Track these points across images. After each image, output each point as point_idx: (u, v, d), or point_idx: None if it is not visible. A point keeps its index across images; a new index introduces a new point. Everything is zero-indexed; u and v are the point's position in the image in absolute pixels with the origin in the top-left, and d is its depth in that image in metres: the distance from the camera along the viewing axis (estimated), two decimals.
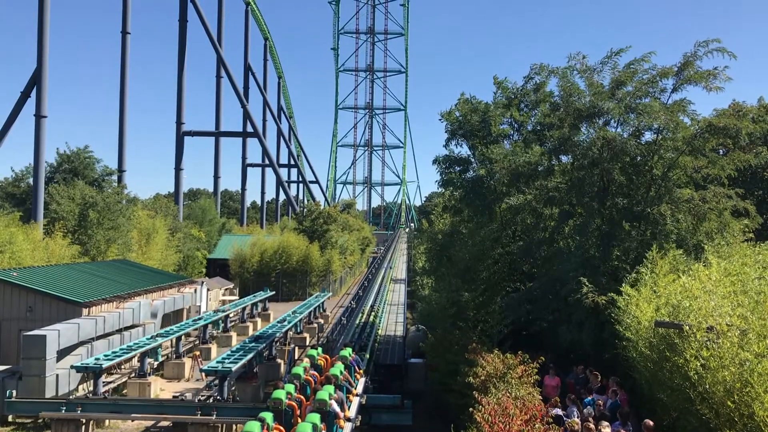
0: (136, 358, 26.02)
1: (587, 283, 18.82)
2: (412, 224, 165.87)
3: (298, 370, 18.25)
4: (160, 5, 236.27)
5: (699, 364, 11.25)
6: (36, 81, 51.43)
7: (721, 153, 23.52)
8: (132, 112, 73.42)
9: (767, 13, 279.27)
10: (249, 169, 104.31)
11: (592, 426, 12.47)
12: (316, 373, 19.19)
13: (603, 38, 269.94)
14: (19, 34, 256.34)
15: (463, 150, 30.10)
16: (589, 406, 14.87)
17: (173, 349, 30.26)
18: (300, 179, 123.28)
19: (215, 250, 68.29)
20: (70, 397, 22.21)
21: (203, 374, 26.06)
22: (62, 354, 23.28)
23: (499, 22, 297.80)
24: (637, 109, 21.56)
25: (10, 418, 21.99)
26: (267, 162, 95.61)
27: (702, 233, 19.99)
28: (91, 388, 22.37)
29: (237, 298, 51.29)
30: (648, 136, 22.25)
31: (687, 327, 12.14)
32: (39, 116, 50.50)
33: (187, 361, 29.68)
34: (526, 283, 25.99)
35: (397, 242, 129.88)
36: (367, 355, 25.52)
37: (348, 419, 16.28)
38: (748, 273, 14.29)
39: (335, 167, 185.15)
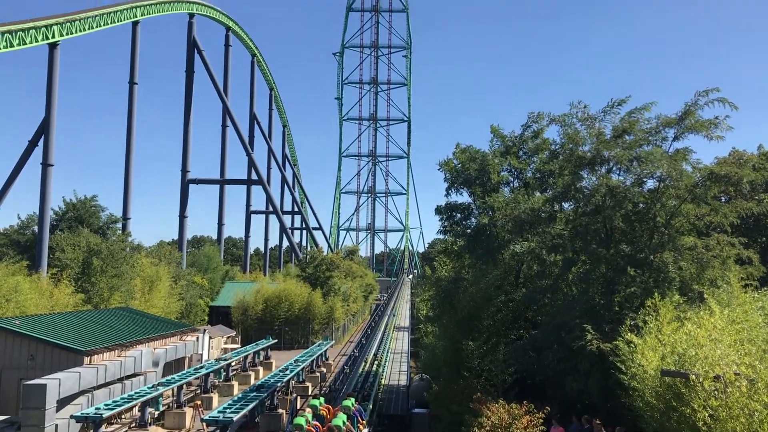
0: (137, 407, 25.71)
1: (591, 331, 18.70)
2: (416, 271, 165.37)
3: (300, 420, 18.03)
4: (168, 56, 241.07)
5: (707, 414, 11.10)
6: (44, 130, 52.11)
7: (723, 200, 23.62)
8: (138, 160, 74.60)
9: (764, 61, 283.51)
10: (253, 216, 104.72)
11: None
12: (318, 424, 18.95)
13: (602, 86, 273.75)
14: (26, 82, 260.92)
15: (464, 198, 30.31)
16: None
17: (174, 398, 29.92)
18: (303, 226, 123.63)
19: (218, 298, 68.05)
20: None
21: (204, 424, 25.70)
22: (62, 403, 23.03)
23: (499, 71, 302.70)
24: (640, 157, 21.76)
25: None
26: (271, 209, 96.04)
27: (706, 281, 19.92)
28: None
29: (239, 346, 50.89)
30: (650, 184, 22.43)
31: (693, 376, 12.01)
32: (46, 165, 51.00)
33: (189, 411, 29.30)
34: (530, 331, 25.81)
35: (400, 289, 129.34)
36: (371, 405, 25.22)
37: None
38: (755, 320, 14.21)
39: (338, 214, 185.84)
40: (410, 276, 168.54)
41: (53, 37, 51.04)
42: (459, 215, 30.25)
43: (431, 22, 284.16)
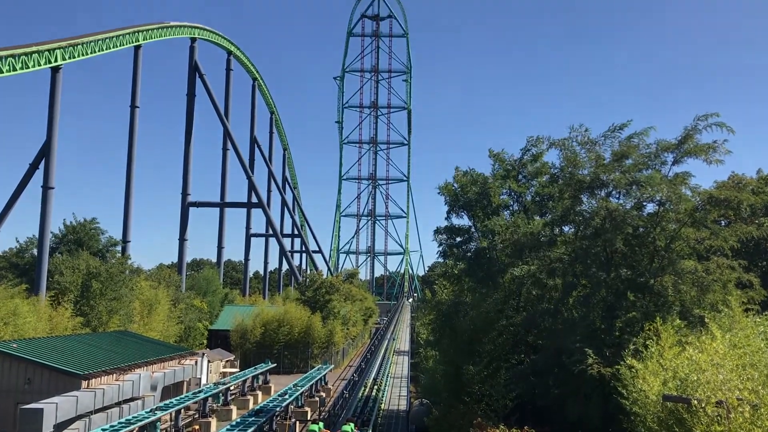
0: None
1: (592, 355, 18.60)
2: (415, 294, 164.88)
3: None
4: (169, 80, 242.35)
5: None
6: (45, 153, 52.24)
7: (722, 224, 23.63)
8: (138, 183, 74.77)
9: (763, 85, 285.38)
10: (252, 239, 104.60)
11: None
12: None
13: (601, 111, 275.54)
14: (27, 104, 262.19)
15: (464, 221, 30.34)
16: None
17: (172, 423, 29.65)
18: (303, 249, 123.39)
19: (217, 321, 67.71)
20: None
21: None
22: (59, 428, 22.83)
23: (499, 95, 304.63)
24: (639, 181, 21.81)
25: None
26: (271, 232, 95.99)
27: (707, 305, 19.86)
28: None
29: (238, 370, 50.55)
30: (650, 207, 22.46)
31: (696, 401, 11.92)
32: (46, 187, 51.06)
33: None
34: (531, 355, 25.66)
35: (400, 313, 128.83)
36: (370, 431, 24.99)
37: None
38: (757, 345, 14.13)
39: (338, 237, 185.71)
40: (410, 299, 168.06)
41: (56, 61, 51.38)
42: (459, 238, 30.24)
43: (431, 47, 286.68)
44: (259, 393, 41.73)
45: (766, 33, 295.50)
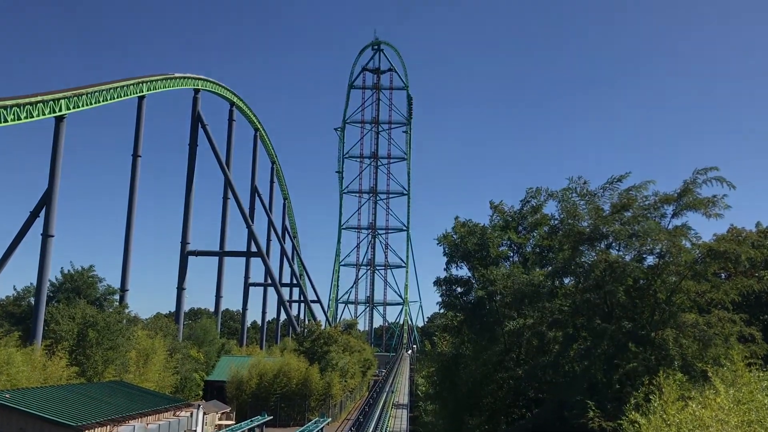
0: None
1: (594, 408, 18.34)
2: (415, 346, 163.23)
3: None
4: (171, 130, 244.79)
5: None
6: (46, 201, 52.41)
7: (723, 277, 23.59)
8: (138, 231, 74.61)
9: (762, 137, 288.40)
10: (251, 288, 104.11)
11: None
12: None
13: (600, 163, 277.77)
14: (30, 153, 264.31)
15: (463, 271, 30.30)
16: None
17: None
18: (302, 299, 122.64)
19: (213, 372, 66.85)
20: None
21: None
22: None
23: (498, 147, 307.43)
24: (638, 233, 21.88)
25: None
26: (269, 281, 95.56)
27: (709, 359, 19.68)
28: None
29: (233, 422, 49.66)
30: (650, 260, 22.46)
31: None
32: (46, 235, 51.03)
33: None
34: (532, 409, 25.31)
35: (399, 365, 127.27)
36: None
37: None
38: (761, 401, 13.93)
39: (337, 287, 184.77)
40: (409, 351, 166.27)
41: (60, 110, 51.98)
42: (459, 289, 30.15)
43: (431, 98, 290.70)
44: None
45: (764, 89, 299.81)
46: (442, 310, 35.21)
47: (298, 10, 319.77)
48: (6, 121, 45.83)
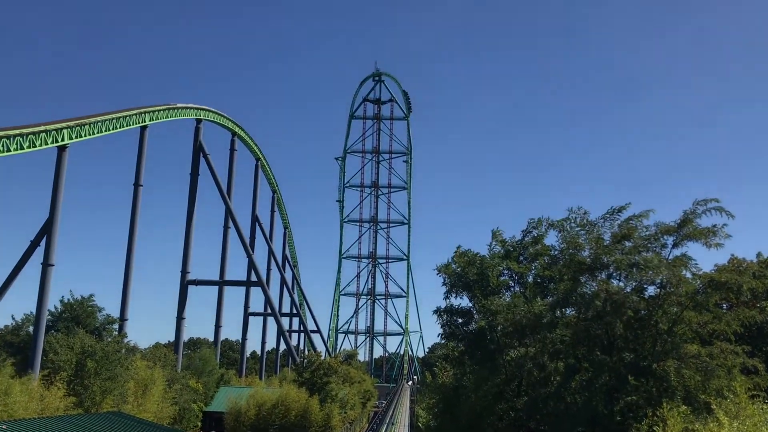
0: None
1: None
2: (415, 377, 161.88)
3: None
4: (173, 159, 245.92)
5: None
6: (47, 230, 52.43)
7: (724, 308, 23.52)
8: (138, 260, 74.38)
9: (763, 169, 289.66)
10: (251, 317, 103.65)
11: None
12: None
13: (602, 194, 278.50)
14: (31, 181, 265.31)
15: (464, 302, 30.20)
16: None
17: None
18: (301, 329, 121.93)
19: (212, 403, 66.25)
20: None
21: None
22: None
23: (499, 176, 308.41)
24: (639, 263, 21.87)
25: None
26: (269, 311, 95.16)
27: (712, 391, 19.54)
28: None
29: None
30: (651, 290, 22.42)
31: None
32: (46, 264, 50.95)
33: None
34: None
35: (399, 396, 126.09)
36: None
37: None
38: None
39: (337, 316, 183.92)
40: (410, 382, 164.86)
41: (63, 140, 52.24)
42: (459, 319, 30.02)
43: (432, 128, 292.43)
44: None
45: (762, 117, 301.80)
46: (442, 341, 34.99)
47: (299, 42, 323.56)
48: (9, 150, 46.07)
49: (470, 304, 30.13)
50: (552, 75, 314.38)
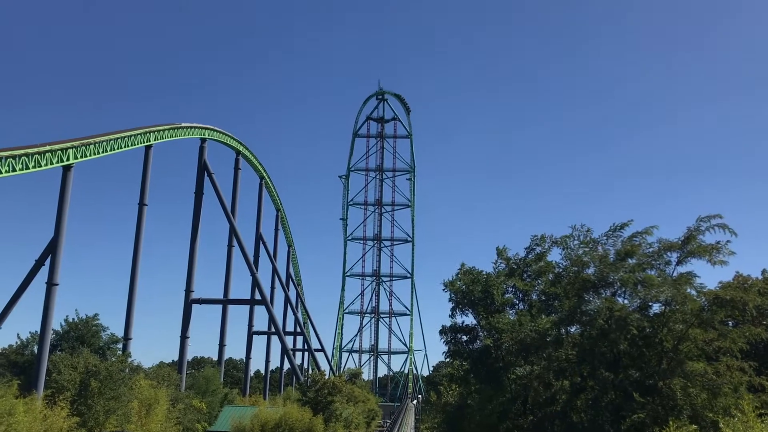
0: None
1: None
2: (420, 396, 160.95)
3: None
4: (177, 178, 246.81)
5: None
6: (51, 250, 52.50)
7: (730, 325, 23.42)
8: (142, 279, 74.55)
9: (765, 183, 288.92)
10: (254, 336, 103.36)
11: None
12: None
13: (603, 210, 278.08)
14: (35, 201, 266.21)
15: (469, 319, 30.17)
16: None
17: None
18: (305, 347, 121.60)
19: (216, 423, 65.86)
20: None
21: None
22: None
23: (501, 194, 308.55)
24: (644, 281, 21.83)
25: None
26: (273, 330, 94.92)
27: (719, 409, 19.40)
28: None
29: None
30: (656, 308, 22.36)
31: None
32: (51, 284, 50.95)
33: None
34: None
35: (404, 415, 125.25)
36: None
37: None
38: None
39: (341, 335, 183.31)
40: (414, 401, 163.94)
41: (68, 159, 52.44)
42: (465, 337, 29.96)
43: (435, 146, 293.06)
44: None
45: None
46: (447, 359, 34.88)
47: (303, 60, 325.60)
48: (15, 170, 46.28)
49: (475, 322, 30.09)
50: (558, 91, 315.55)
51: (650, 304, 22.48)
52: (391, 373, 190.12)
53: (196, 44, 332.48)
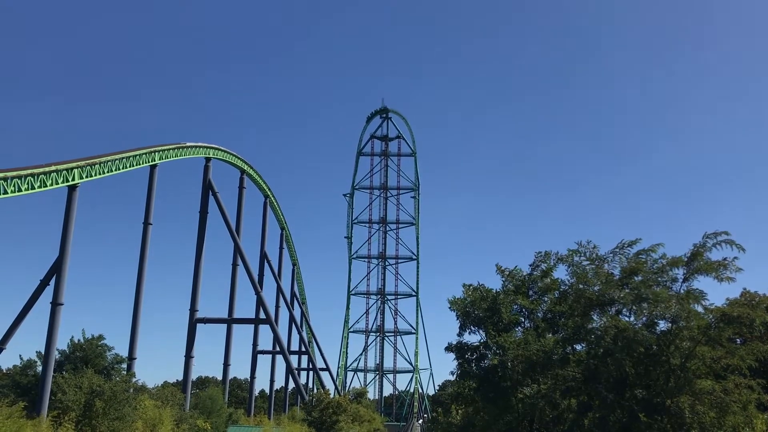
0: None
1: None
2: (426, 415, 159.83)
3: None
4: (182, 197, 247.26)
5: None
6: (56, 270, 52.55)
7: (738, 342, 23.25)
8: (147, 298, 74.43)
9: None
10: (259, 355, 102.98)
11: None
12: None
13: (609, 226, 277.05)
14: (40, 221, 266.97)
15: (475, 337, 30.05)
16: None
17: None
18: (310, 366, 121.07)
19: None
20: None
21: None
22: None
23: (506, 211, 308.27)
24: (649, 298, 21.72)
25: None
26: (278, 349, 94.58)
27: (729, 428, 19.21)
28: None
29: None
30: (662, 325, 22.22)
31: None
32: (55, 304, 50.94)
33: None
34: None
35: None
36: None
37: None
38: None
39: (346, 354, 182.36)
40: (420, 420, 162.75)
41: (73, 179, 52.61)
42: (473, 356, 29.83)
43: (439, 163, 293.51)
44: None
45: None
46: (457, 378, 34.68)
47: (307, 79, 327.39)
48: (20, 190, 46.47)
49: (483, 340, 29.96)
50: (563, 105, 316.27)
51: (657, 321, 22.35)
52: (396, 392, 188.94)
53: (201, 64, 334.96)
